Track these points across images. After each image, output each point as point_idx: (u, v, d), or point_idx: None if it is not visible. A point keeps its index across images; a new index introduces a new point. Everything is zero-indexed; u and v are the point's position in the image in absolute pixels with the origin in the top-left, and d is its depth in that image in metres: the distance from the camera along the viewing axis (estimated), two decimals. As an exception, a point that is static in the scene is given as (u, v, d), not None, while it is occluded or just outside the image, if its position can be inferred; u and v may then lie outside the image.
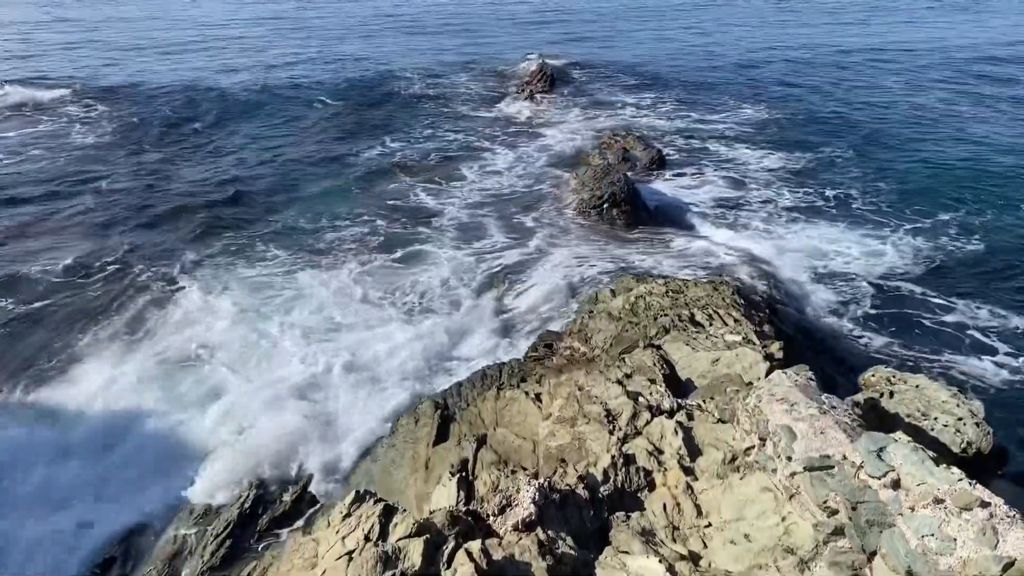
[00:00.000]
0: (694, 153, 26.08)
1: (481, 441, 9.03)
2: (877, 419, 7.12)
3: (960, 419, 6.47)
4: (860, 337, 14.53)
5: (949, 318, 15.13)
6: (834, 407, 5.42)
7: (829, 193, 22.02)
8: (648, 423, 6.96)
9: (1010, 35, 50.33)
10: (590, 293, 15.43)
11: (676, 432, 6.47)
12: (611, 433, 6.95)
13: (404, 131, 29.12)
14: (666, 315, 11.76)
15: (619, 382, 7.98)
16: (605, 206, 20.68)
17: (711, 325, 11.15)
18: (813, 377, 6.20)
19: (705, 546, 5.21)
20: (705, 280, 14.01)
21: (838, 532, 4.54)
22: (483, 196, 21.96)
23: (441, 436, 10.28)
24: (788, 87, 36.21)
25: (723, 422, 6.46)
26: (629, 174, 23.16)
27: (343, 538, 5.70)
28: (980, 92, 33.18)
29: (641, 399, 7.58)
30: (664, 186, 23.05)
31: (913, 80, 35.96)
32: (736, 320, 11.14)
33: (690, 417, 6.91)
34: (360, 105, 33.72)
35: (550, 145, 27.03)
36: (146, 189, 22.49)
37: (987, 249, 18.08)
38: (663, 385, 8.12)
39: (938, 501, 4.12)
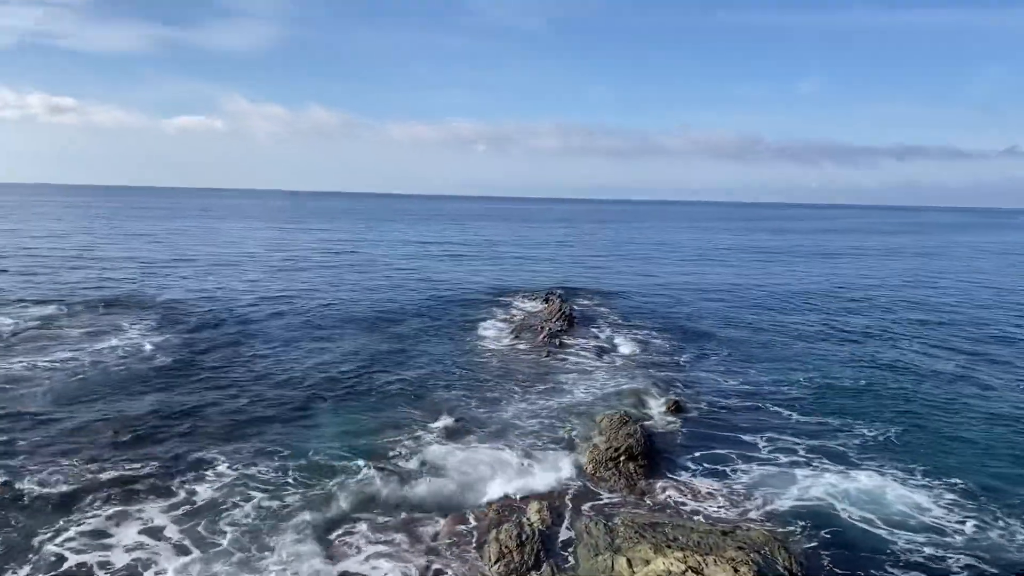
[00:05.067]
0: (715, 404, 25.97)
1: None
2: None
3: None
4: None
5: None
6: None
7: (868, 458, 21.12)
8: None
9: None
10: (604, 560, 14.84)
11: None
12: None
13: (411, 367, 29.58)
14: (685, 605, 11.24)
15: None
16: (622, 459, 20.45)
17: (733, 620, 10.59)
18: None
19: None
20: (725, 558, 13.48)
21: None
22: (490, 443, 21.55)
23: None
24: (840, 347, 36.04)
25: None
26: (646, 423, 23.24)
27: None
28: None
29: None
30: (683, 437, 22.84)
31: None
32: (759, 615, 10.59)
33: None
34: (369, 336, 35.04)
35: (563, 388, 27.24)
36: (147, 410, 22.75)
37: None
38: None
39: None
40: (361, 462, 19.64)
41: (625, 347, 34.44)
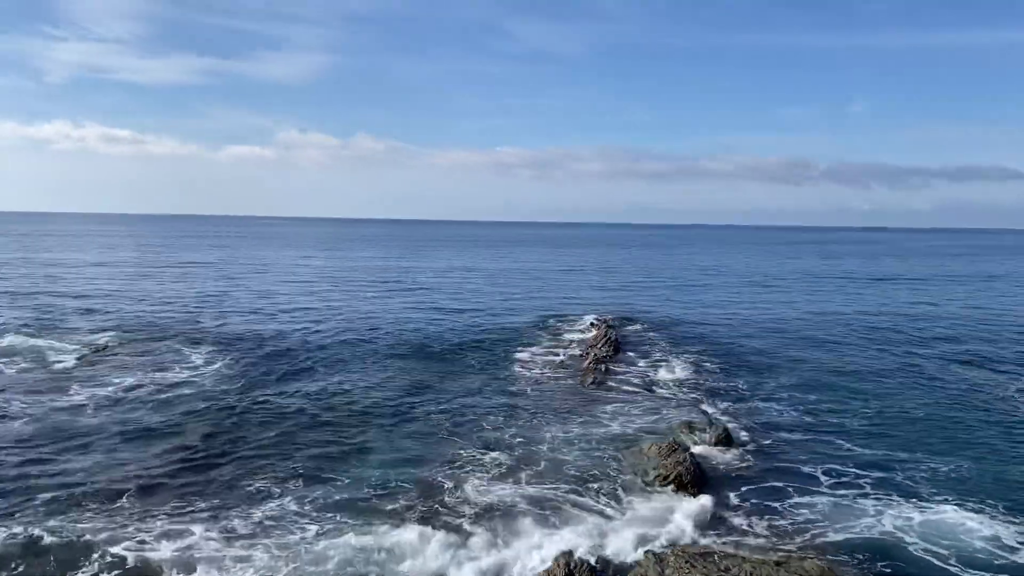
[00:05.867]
0: (770, 434, 24.97)
1: None
2: None
3: None
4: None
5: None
6: None
7: (941, 492, 19.77)
8: None
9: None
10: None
11: None
12: None
13: (456, 396, 29.20)
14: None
15: None
16: (671, 487, 19.79)
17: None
18: None
19: None
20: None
21: None
22: (535, 475, 20.94)
23: None
24: (903, 375, 34.37)
25: None
26: (695, 451, 22.47)
27: None
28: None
29: None
30: (735, 467, 21.99)
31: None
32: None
33: None
34: (415, 363, 34.93)
35: (609, 417, 26.56)
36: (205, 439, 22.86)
37: None
38: None
39: None
40: (407, 495, 19.22)
41: (673, 374, 33.63)
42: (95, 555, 15.49)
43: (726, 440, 23.91)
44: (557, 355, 37.29)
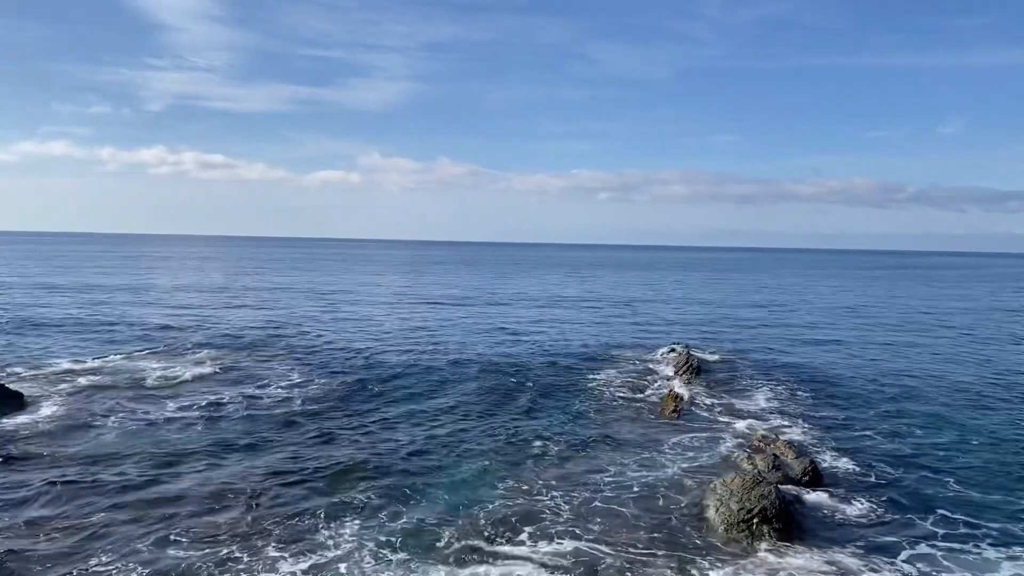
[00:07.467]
0: (868, 471, 23.70)
1: None
2: None
3: None
4: None
5: None
6: None
7: None
8: None
9: None
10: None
11: None
12: None
13: (531, 428, 28.76)
14: None
15: None
16: (755, 521, 18.97)
17: None
18: None
19: None
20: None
21: None
22: (610, 512, 20.34)
23: None
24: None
25: None
26: (782, 487, 21.48)
27: None
28: None
29: None
30: (821, 502, 20.95)
31: None
32: None
33: None
34: (499, 388, 34.91)
35: (691, 445, 25.91)
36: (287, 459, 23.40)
37: None
38: None
39: None
40: (473, 533, 19.23)
41: (758, 404, 32.50)
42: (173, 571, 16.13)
43: (814, 475, 22.81)
44: (636, 382, 36.64)
